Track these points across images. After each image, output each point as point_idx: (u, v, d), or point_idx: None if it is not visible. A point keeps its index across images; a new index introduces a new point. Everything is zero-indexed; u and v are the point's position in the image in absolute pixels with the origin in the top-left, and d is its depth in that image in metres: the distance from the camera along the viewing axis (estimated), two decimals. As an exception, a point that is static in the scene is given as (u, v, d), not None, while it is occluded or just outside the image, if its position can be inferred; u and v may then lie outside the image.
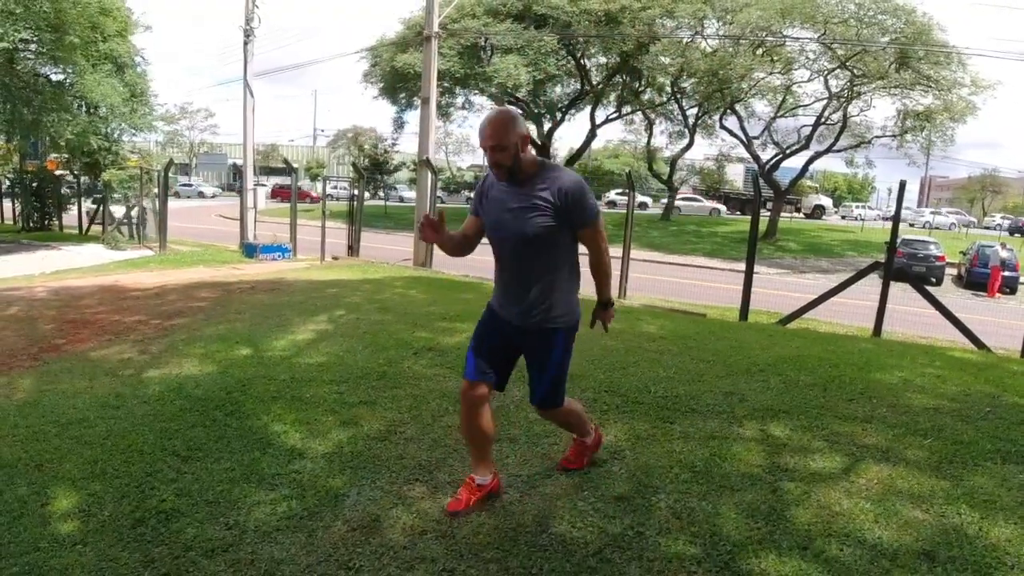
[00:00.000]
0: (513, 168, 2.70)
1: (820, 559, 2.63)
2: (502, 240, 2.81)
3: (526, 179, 2.73)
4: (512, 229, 2.74)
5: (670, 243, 27.58)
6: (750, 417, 4.06)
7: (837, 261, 25.43)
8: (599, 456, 3.42)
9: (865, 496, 3.12)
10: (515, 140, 2.66)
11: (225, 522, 2.80)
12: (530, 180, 2.73)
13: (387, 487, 3.08)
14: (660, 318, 8.26)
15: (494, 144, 2.65)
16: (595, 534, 2.73)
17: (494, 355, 2.89)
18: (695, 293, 14.48)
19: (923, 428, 3.91)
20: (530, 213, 2.70)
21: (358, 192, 15.01)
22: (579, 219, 2.75)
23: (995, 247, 21.61)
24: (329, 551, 2.59)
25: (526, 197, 2.71)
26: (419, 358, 4.99)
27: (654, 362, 5.24)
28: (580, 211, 2.72)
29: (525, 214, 2.70)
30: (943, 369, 5.51)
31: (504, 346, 2.91)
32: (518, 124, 2.70)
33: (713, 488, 3.15)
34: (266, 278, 10.26)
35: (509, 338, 2.90)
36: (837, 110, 28.31)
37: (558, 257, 2.80)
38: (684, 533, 2.76)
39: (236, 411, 3.96)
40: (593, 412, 4.03)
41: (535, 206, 2.70)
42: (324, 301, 7.65)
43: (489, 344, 2.91)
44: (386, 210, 34.59)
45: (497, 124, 2.66)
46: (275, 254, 14.23)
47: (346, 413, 3.91)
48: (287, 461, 3.32)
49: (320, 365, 4.78)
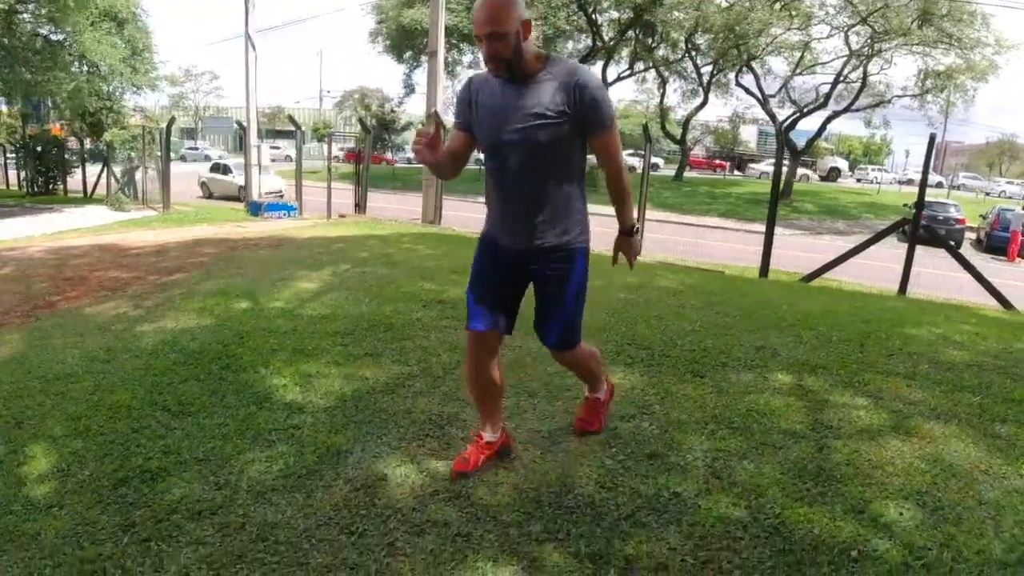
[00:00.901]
0: (513, 61, 2.23)
1: (878, 524, 2.34)
2: (502, 152, 2.34)
3: (529, 75, 2.27)
4: (516, 137, 2.28)
5: (683, 204, 27.08)
6: (785, 371, 3.76)
7: (854, 224, 24.97)
8: (626, 411, 3.12)
9: (919, 456, 2.83)
10: (516, 27, 2.19)
11: (215, 481, 2.53)
12: (534, 76, 2.28)
13: (394, 444, 2.80)
14: (679, 273, 7.95)
15: (490, 31, 2.18)
16: (627, 495, 2.44)
17: (498, 295, 2.48)
18: (710, 253, 14.12)
19: (970, 385, 3.61)
20: (537, 116, 2.25)
21: (365, 150, 14.59)
22: (596, 120, 2.29)
23: (1016, 211, 21.15)
24: (329, 513, 2.31)
25: (531, 96, 2.27)
26: (428, 310, 4.69)
27: (678, 316, 4.93)
28: (597, 111, 2.28)
29: (531, 118, 2.26)
30: (979, 327, 5.22)
31: (508, 282, 2.49)
32: (518, 6, 2.20)
33: (753, 446, 2.86)
34: (270, 235, 9.97)
35: (513, 270, 2.47)
36: (856, 68, 27.53)
37: (571, 168, 2.37)
38: (726, 494, 2.46)
39: (233, 364, 3.69)
40: (617, 365, 3.74)
41: (542, 106, 2.25)
42: (329, 256, 7.34)
43: (491, 284, 2.49)
44: (394, 171, 34.11)
45: (493, 6, 2.18)
46: (280, 212, 13.95)
47: (350, 366, 3.62)
48: (285, 416, 3.04)
49: (323, 317, 4.49)
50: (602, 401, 2.92)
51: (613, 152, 2.38)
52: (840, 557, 2.16)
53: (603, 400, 2.92)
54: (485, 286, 2.50)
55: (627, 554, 2.11)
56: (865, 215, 26.97)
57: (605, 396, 2.92)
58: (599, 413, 2.92)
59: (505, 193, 2.41)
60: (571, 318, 2.52)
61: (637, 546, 2.15)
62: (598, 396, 2.89)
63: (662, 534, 2.22)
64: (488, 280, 2.50)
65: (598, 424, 2.91)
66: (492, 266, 2.50)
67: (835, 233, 22.75)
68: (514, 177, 2.36)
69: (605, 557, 2.10)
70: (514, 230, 2.42)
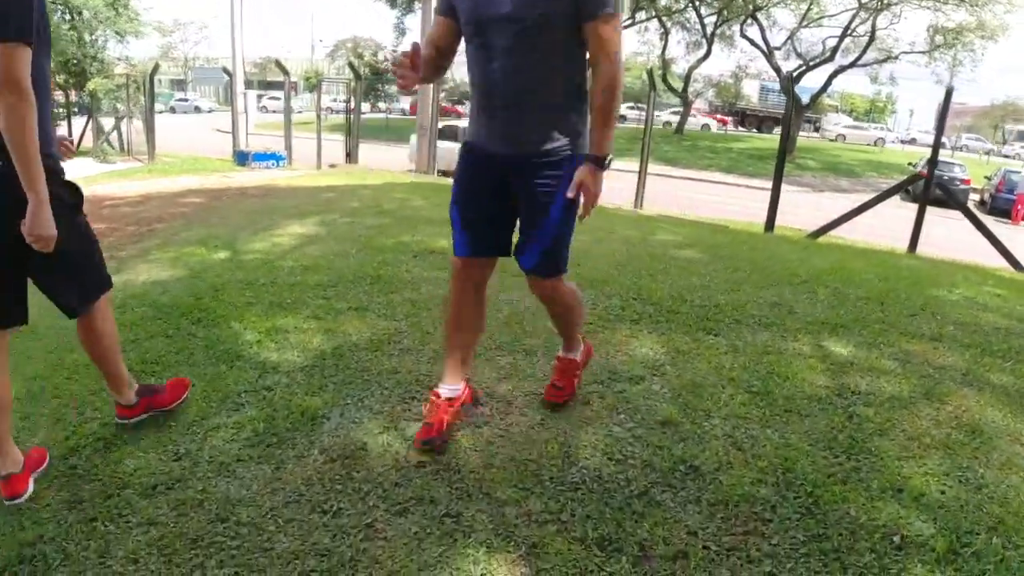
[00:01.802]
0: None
1: (920, 504, 2.08)
2: (487, 33, 2.00)
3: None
4: (503, 12, 1.94)
5: (684, 158, 26.50)
6: (804, 331, 3.48)
7: (857, 181, 24.56)
8: (634, 372, 2.83)
9: (956, 426, 2.57)
10: None
11: (174, 451, 2.24)
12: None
13: (377, 407, 2.50)
14: (683, 227, 7.65)
15: None
16: (639, 469, 2.16)
17: (487, 213, 2.17)
18: (712, 208, 13.73)
19: (999, 350, 3.35)
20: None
21: (355, 95, 14.05)
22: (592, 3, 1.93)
23: (1022, 173, 20.79)
24: (300, 488, 2.02)
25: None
26: (420, 261, 4.36)
27: (684, 270, 4.64)
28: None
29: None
30: (1000, 288, 4.97)
31: (497, 196, 2.16)
32: None
33: (776, 412, 2.58)
34: (257, 184, 9.58)
35: (502, 179, 2.13)
36: (865, 21, 26.74)
37: (568, 58, 2.04)
38: (750, 469, 2.19)
39: (204, 319, 3.38)
40: (622, 322, 3.44)
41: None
42: (317, 206, 6.99)
43: (477, 199, 2.17)
44: (387, 122, 33.33)
45: None
46: (269, 162, 13.48)
47: (332, 320, 3.31)
48: (257, 376, 2.74)
49: (306, 268, 4.17)
50: (577, 363, 2.54)
51: (609, 51, 1.97)
52: (882, 544, 1.90)
53: (578, 362, 2.55)
54: (471, 203, 2.18)
55: (640, 539, 1.84)
56: (869, 173, 26.52)
57: (581, 357, 2.56)
58: (573, 376, 2.53)
59: (490, 84, 2.06)
60: (558, 236, 2.14)
61: (652, 529, 1.88)
62: (573, 357, 2.52)
63: (679, 515, 1.95)
64: (474, 195, 2.18)
65: (570, 390, 2.53)
66: (477, 178, 2.17)
67: (837, 191, 22.36)
68: (501, 62, 2.00)
69: (615, 542, 1.82)
70: (501, 132, 2.08)
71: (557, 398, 2.49)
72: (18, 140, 1.72)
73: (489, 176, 2.14)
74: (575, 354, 2.52)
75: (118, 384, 2.33)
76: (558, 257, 2.19)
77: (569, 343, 2.50)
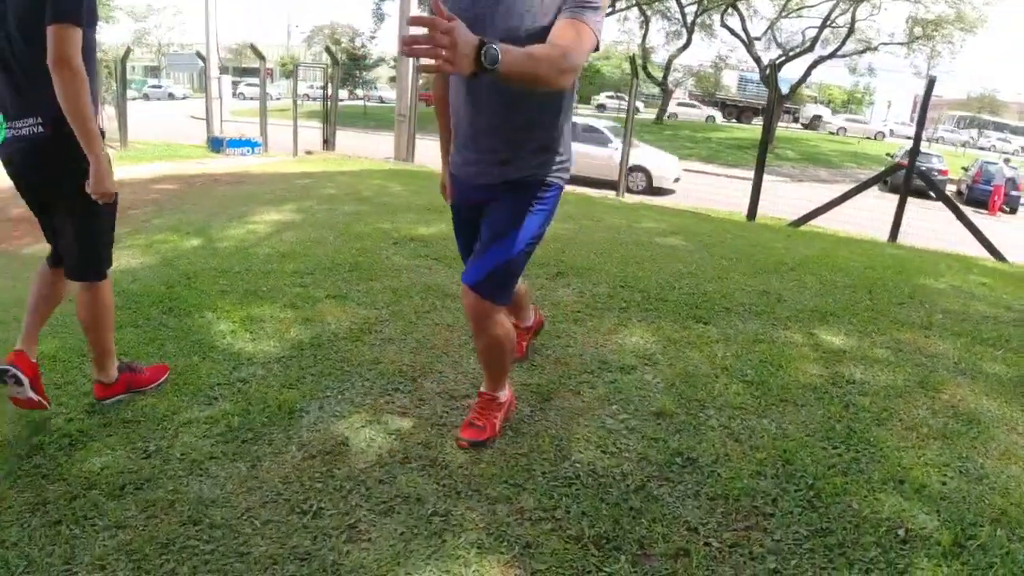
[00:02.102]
0: None
1: (923, 495, 2.02)
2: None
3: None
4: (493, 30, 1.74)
5: (664, 147, 26.41)
6: (794, 319, 3.42)
7: (836, 172, 24.74)
8: (625, 361, 2.75)
9: (953, 415, 2.52)
10: None
11: (143, 448, 2.11)
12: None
13: (358, 400, 2.39)
14: (664, 215, 7.58)
15: None
16: (633, 462, 2.07)
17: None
18: (694, 197, 13.67)
19: (989, 338, 3.32)
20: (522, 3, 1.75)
21: (332, 81, 13.78)
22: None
23: (999, 164, 21.09)
24: (278, 487, 1.91)
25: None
26: (400, 248, 4.24)
27: (669, 257, 4.58)
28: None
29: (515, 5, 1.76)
30: (984, 277, 4.96)
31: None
32: None
33: (772, 402, 2.51)
34: (231, 171, 9.33)
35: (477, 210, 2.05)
36: (845, 12, 26.82)
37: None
38: (748, 461, 2.11)
39: (176, 308, 3.23)
40: (610, 310, 3.36)
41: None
42: (294, 192, 6.80)
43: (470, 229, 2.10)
44: (365, 110, 32.88)
45: None
46: (244, 148, 13.15)
47: (310, 309, 3.18)
48: (231, 368, 2.61)
49: (282, 255, 4.02)
50: (499, 403, 2.19)
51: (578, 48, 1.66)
52: (887, 537, 1.84)
53: (500, 403, 2.20)
54: (464, 233, 2.15)
55: (639, 536, 1.75)
56: (847, 163, 26.72)
57: (504, 399, 2.22)
58: (494, 418, 2.16)
59: (472, 107, 1.91)
60: (512, 257, 1.93)
61: (650, 526, 1.79)
62: (496, 395, 2.18)
63: (678, 510, 1.86)
64: (465, 226, 2.14)
65: (490, 432, 2.14)
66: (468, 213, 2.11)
67: (816, 181, 22.48)
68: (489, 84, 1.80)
69: (613, 540, 1.73)
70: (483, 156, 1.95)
71: (475, 436, 2.11)
72: (73, 109, 1.91)
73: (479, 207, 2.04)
74: (499, 393, 2.19)
75: (104, 360, 2.33)
76: (504, 284, 1.98)
77: (494, 383, 2.18)
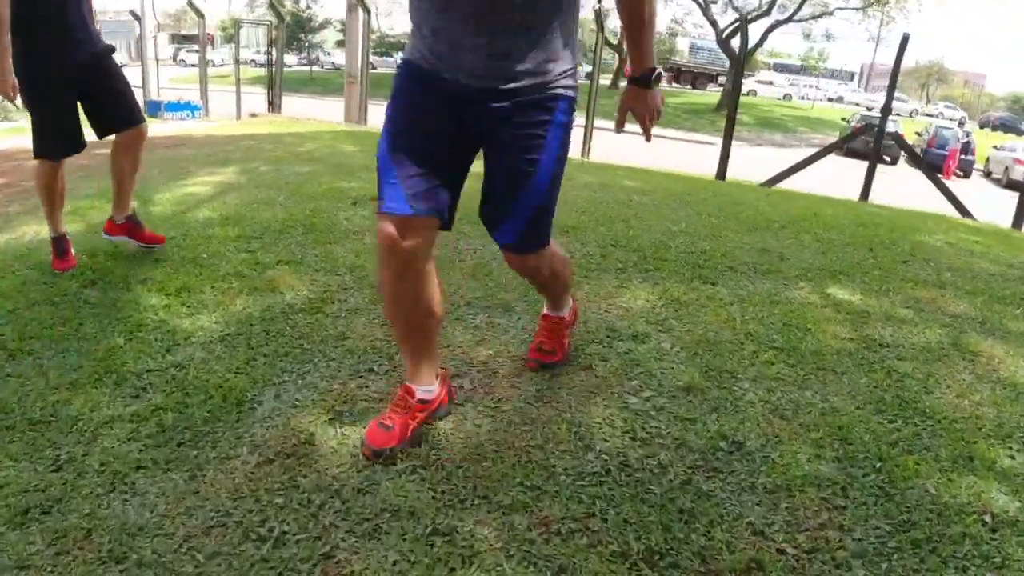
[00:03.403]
0: None
1: (995, 473, 1.74)
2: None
3: None
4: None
5: (619, 112, 26.24)
6: (803, 278, 3.12)
7: (791, 136, 25.18)
8: (637, 328, 2.37)
9: (997, 380, 2.25)
10: None
11: (53, 457, 1.64)
12: None
13: (323, 385, 1.95)
14: (639, 174, 7.24)
15: None
16: (671, 450, 1.69)
17: (433, 161, 1.55)
18: (653, 162, 13.41)
19: (1004, 296, 3.10)
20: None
21: (278, 41, 12.94)
22: None
23: (954, 129, 21.42)
24: (226, 505, 1.47)
25: None
26: (360, 208, 3.75)
27: (656, 215, 4.24)
28: None
29: None
30: (972, 235, 4.79)
31: (447, 139, 1.57)
32: None
33: (809, 371, 2.17)
34: (169, 135, 8.60)
35: (458, 121, 1.57)
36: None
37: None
38: (803, 442, 1.76)
39: (99, 280, 2.72)
40: (607, 272, 2.97)
41: None
42: (238, 154, 6.20)
43: (421, 141, 1.55)
44: (311, 75, 31.61)
45: None
46: (183, 113, 12.32)
47: (258, 278, 2.70)
48: (164, 350, 2.13)
49: (225, 218, 3.50)
50: (565, 321, 2.12)
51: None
52: (975, 526, 1.52)
53: (567, 320, 2.13)
54: (410, 145, 1.55)
55: (698, 547, 1.38)
56: (801, 128, 27.14)
57: (569, 315, 2.14)
58: (563, 338, 2.11)
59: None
60: (544, 201, 1.65)
61: (709, 532, 1.42)
62: (561, 315, 2.10)
63: (737, 509, 1.50)
64: (416, 138, 1.55)
65: (561, 353, 2.10)
66: (422, 114, 1.56)
67: (773, 145, 22.62)
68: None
69: (667, 555, 1.35)
70: (463, 55, 1.49)
71: (544, 359, 2.06)
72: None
73: (443, 114, 1.56)
74: (564, 312, 2.10)
75: (123, 202, 2.95)
76: (543, 226, 1.72)
77: (557, 301, 2.08)
